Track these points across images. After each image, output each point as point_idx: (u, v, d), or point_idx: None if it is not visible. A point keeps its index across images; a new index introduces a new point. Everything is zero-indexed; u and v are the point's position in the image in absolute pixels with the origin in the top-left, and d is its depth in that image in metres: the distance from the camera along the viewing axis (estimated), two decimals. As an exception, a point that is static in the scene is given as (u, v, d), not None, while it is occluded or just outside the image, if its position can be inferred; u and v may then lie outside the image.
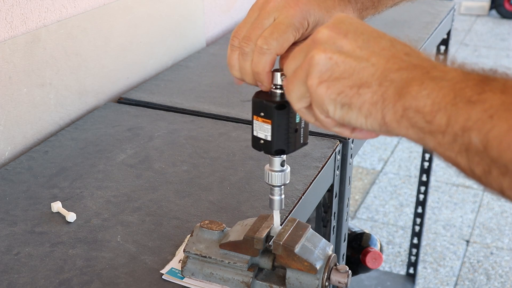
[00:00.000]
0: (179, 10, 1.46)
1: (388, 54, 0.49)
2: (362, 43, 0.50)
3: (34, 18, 1.05)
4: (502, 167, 0.40)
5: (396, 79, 0.47)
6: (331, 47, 0.50)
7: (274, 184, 0.66)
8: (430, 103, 0.44)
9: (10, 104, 1.02)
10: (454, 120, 0.42)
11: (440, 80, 0.44)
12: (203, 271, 0.71)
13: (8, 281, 0.73)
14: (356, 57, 0.49)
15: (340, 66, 0.49)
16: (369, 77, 0.48)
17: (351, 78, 0.48)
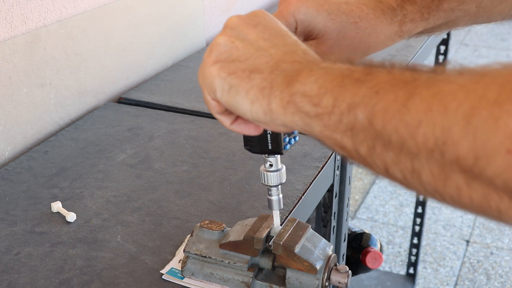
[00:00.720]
0: (179, 10, 1.46)
1: (288, 49, 0.50)
2: (268, 36, 0.51)
3: (34, 18, 1.05)
4: (386, 139, 0.40)
5: (287, 69, 0.48)
6: (236, 33, 0.52)
7: (271, 184, 0.66)
8: (317, 87, 0.45)
9: (10, 104, 1.02)
10: (341, 100, 0.43)
11: (329, 68, 0.46)
12: (203, 271, 0.71)
13: (8, 281, 0.73)
14: (257, 46, 0.51)
15: (239, 50, 0.51)
16: (263, 64, 0.49)
17: (246, 63, 0.50)
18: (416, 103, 0.39)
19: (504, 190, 0.35)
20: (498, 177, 0.35)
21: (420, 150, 0.38)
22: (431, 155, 0.38)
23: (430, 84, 0.39)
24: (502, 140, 0.34)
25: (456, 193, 0.38)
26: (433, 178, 0.39)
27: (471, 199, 0.37)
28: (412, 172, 0.40)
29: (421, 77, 0.40)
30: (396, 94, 0.40)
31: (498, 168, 0.34)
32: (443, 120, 0.37)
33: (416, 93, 0.39)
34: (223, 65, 0.51)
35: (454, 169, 0.37)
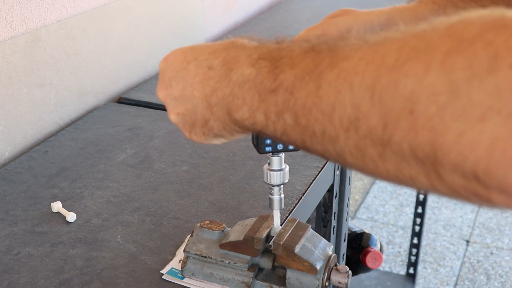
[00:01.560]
0: (179, 10, 1.46)
1: (199, 80, 0.53)
2: (182, 83, 0.55)
3: (34, 18, 1.05)
4: (311, 132, 0.43)
5: (216, 101, 0.52)
6: (172, 105, 0.57)
7: (273, 183, 0.66)
8: (247, 110, 0.48)
9: (10, 104, 1.02)
10: (269, 112, 0.46)
11: (242, 83, 0.49)
12: (203, 271, 0.71)
13: (8, 281, 0.73)
14: (186, 100, 0.55)
15: (186, 116, 0.55)
16: (204, 112, 0.53)
17: (198, 121, 0.54)
18: (325, 90, 0.40)
19: (410, 155, 0.36)
20: (404, 140, 0.36)
21: (338, 132, 0.40)
22: (348, 134, 0.40)
23: (332, 65, 0.41)
24: (404, 103, 0.35)
25: (375, 167, 0.40)
26: (354, 157, 0.41)
27: (388, 171, 0.39)
28: (338, 156, 0.42)
29: (323, 60, 0.42)
30: (307, 89, 0.42)
31: (403, 131, 0.36)
32: (351, 97, 0.38)
33: (323, 80, 0.41)
34: (195, 132, 0.56)
35: (368, 143, 0.39)
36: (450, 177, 0.35)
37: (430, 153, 0.35)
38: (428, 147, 0.35)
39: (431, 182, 0.37)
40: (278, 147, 0.62)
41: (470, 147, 0.33)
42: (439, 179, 0.36)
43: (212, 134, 0.55)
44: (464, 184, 0.35)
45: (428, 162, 0.36)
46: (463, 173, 0.34)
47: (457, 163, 0.34)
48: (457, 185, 0.36)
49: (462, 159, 0.34)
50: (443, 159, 0.35)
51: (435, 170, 0.36)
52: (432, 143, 0.35)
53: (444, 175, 0.36)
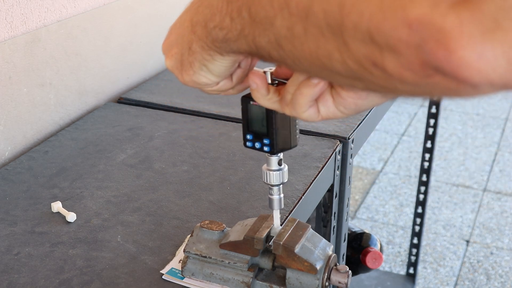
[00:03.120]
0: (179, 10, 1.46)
1: (186, 11, 0.58)
2: (178, 24, 0.59)
3: (34, 18, 1.05)
4: (261, 25, 0.44)
5: (197, 19, 0.54)
6: (167, 51, 0.61)
7: (273, 183, 0.66)
8: (218, 17, 0.50)
9: (10, 104, 1.02)
10: (232, 12, 0.47)
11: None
12: (203, 271, 0.71)
13: (8, 281, 0.73)
14: (178, 37, 0.58)
15: (178, 54, 0.59)
16: (189, 36, 0.56)
17: (184, 50, 0.57)
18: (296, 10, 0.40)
19: (325, 25, 0.38)
20: (319, 7, 0.37)
21: (276, 14, 0.42)
22: (282, 14, 0.41)
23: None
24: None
25: (300, 48, 0.41)
26: (287, 40, 0.42)
27: (310, 50, 0.40)
28: (277, 45, 0.43)
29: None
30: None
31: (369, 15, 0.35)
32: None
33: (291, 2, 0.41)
34: (185, 70, 0.61)
35: (296, 20, 0.40)
36: (354, 45, 0.37)
37: (338, 17, 0.36)
38: (336, 10, 0.36)
39: (342, 55, 0.38)
40: (256, 145, 0.63)
41: (365, 4, 0.35)
42: (347, 49, 0.37)
43: (197, 61, 0.56)
44: (365, 51, 0.36)
45: (337, 30, 0.37)
46: (362, 36, 0.36)
47: (356, 23, 0.35)
48: (360, 54, 0.37)
49: (360, 17, 0.35)
50: (346, 22, 0.36)
51: (342, 39, 0.37)
52: (338, 5, 0.36)
53: (349, 43, 0.37)
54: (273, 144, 0.61)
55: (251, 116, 0.62)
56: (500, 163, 2.93)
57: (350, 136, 1.06)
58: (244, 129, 0.63)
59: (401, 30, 0.33)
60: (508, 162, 2.94)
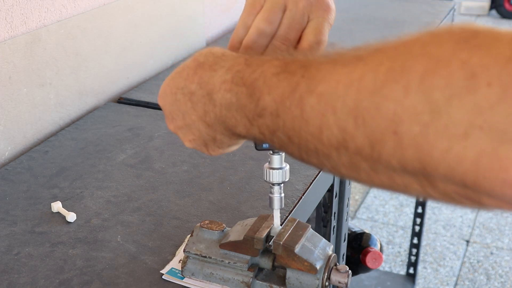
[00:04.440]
0: (179, 10, 1.46)
1: (190, 106, 0.55)
2: (179, 113, 0.57)
3: (34, 18, 1.05)
4: (304, 149, 0.44)
5: (212, 121, 0.54)
6: (182, 135, 0.59)
7: (274, 181, 0.66)
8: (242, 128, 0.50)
9: (10, 104, 1.02)
10: (263, 131, 0.48)
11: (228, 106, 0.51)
12: (203, 271, 0.71)
13: (8, 281, 0.73)
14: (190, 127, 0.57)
15: (197, 140, 0.58)
16: (208, 131, 0.56)
17: (208, 140, 0.57)
18: (309, 114, 0.42)
19: (401, 169, 0.38)
20: (393, 157, 0.37)
21: (329, 150, 0.42)
22: (339, 152, 0.41)
23: (310, 90, 0.42)
24: (387, 124, 0.37)
25: (369, 179, 0.41)
26: (348, 170, 0.42)
27: (381, 181, 0.41)
28: (333, 169, 0.44)
29: (300, 84, 0.43)
30: (291, 113, 0.44)
31: (390, 150, 0.37)
32: (335, 120, 0.40)
33: (305, 104, 0.42)
34: (212, 149, 0.59)
35: (359, 159, 0.40)
36: (442, 185, 0.37)
37: (420, 168, 0.37)
38: (416, 163, 0.36)
39: (425, 189, 0.38)
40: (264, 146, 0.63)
41: (457, 162, 0.35)
42: (431, 186, 0.38)
43: (225, 145, 0.57)
44: (456, 189, 0.36)
45: (419, 174, 0.37)
46: (453, 182, 0.36)
47: (447, 175, 0.36)
48: (449, 190, 0.37)
49: (451, 172, 0.35)
50: (433, 172, 0.36)
51: (427, 180, 0.37)
52: (420, 160, 0.36)
53: (436, 184, 0.37)
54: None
55: None
56: (500, 163, 2.92)
57: (350, 136, 1.06)
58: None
59: (505, 189, 0.34)
60: (508, 162, 2.93)
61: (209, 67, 0.53)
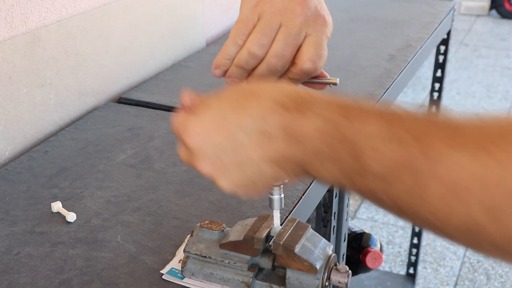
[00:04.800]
0: (179, 10, 1.46)
1: (256, 147, 0.51)
2: (232, 153, 0.52)
3: (34, 18, 1.05)
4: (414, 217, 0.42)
5: (285, 163, 0.50)
6: (222, 176, 0.55)
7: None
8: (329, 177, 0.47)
9: (10, 104, 1.02)
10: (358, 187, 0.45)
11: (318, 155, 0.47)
12: (203, 271, 0.71)
13: (8, 281, 0.73)
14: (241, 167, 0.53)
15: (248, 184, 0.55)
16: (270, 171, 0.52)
17: (259, 181, 0.53)
18: (432, 198, 0.39)
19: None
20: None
21: (452, 231, 0.40)
22: (464, 233, 0.39)
23: (432, 173, 0.39)
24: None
25: (489, 253, 0.40)
26: (464, 240, 0.41)
27: (505, 258, 0.40)
28: (444, 235, 0.42)
29: (416, 159, 0.40)
30: (406, 185, 0.41)
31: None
32: (466, 212, 0.38)
33: (426, 186, 0.39)
34: (259, 191, 0.56)
35: (488, 245, 0.39)
36: None
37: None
38: None
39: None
40: None
41: None
42: None
43: (281, 182, 0.55)
44: None
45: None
46: None
47: None
48: None
49: None
50: None
51: None
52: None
53: None
54: None
55: None
56: (500, 163, 2.92)
57: (350, 136, 1.06)
58: None
59: None
60: (508, 162, 2.93)
61: (295, 109, 0.48)
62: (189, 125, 0.54)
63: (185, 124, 0.54)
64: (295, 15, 0.58)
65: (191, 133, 0.54)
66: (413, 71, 1.48)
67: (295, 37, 0.58)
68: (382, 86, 1.27)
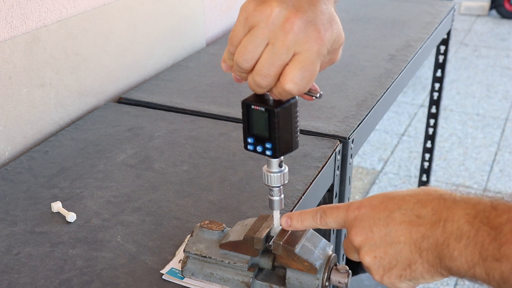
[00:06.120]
0: (179, 10, 1.46)
1: (405, 226, 0.57)
2: (384, 229, 0.58)
3: (34, 18, 1.05)
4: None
5: (427, 247, 0.55)
6: (368, 248, 0.59)
7: (273, 185, 0.66)
8: (465, 262, 0.52)
9: (10, 104, 1.02)
10: (492, 274, 0.50)
11: (459, 238, 0.53)
12: (203, 271, 0.71)
13: (8, 281, 0.73)
14: (388, 245, 0.58)
15: (384, 259, 0.58)
16: (410, 255, 0.57)
17: (399, 264, 0.58)
18: None
19: None
20: None
21: None
22: None
23: None
24: None
25: None
26: None
27: None
28: None
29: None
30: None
31: None
32: None
33: None
34: (389, 275, 0.59)
35: None
36: None
37: None
38: None
39: None
40: (258, 149, 0.63)
41: None
42: None
43: (411, 277, 0.58)
44: None
45: None
46: None
47: None
48: None
49: None
50: None
51: None
52: None
53: None
54: (276, 148, 0.61)
55: (253, 120, 0.61)
56: (500, 163, 2.92)
57: (350, 136, 1.06)
58: (245, 133, 0.63)
59: None
60: (508, 162, 2.94)
61: (451, 200, 0.55)
62: (362, 201, 0.62)
63: (358, 203, 0.62)
64: (284, 32, 0.55)
65: (362, 206, 0.61)
66: (413, 71, 1.48)
67: (280, 57, 0.56)
68: (382, 86, 1.27)
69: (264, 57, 0.56)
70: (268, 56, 0.56)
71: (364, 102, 1.20)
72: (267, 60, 0.56)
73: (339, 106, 1.18)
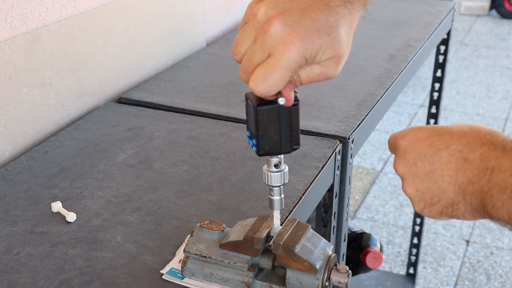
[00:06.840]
0: (179, 10, 1.46)
1: (452, 167, 0.58)
2: (429, 166, 0.59)
3: (34, 18, 1.05)
4: None
5: (472, 192, 0.56)
6: (411, 181, 0.60)
7: (273, 184, 0.66)
8: (505, 213, 0.53)
9: (10, 104, 1.02)
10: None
11: (503, 189, 0.53)
12: (203, 271, 0.71)
13: (8, 281, 0.73)
14: (431, 181, 0.59)
15: (426, 194, 0.60)
16: (453, 196, 0.58)
17: (441, 202, 0.59)
18: None
19: None
20: None
21: None
22: None
23: None
24: None
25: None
26: None
27: None
28: None
29: None
30: None
31: None
32: None
33: None
34: (429, 209, 0.60)
35: None
36: None
37: None
38: None
39: None
40: (251, 143, 0.63)
41: None
42: None
43: (452, 214, 0.59)
44: None
45: None
46: None
47: None
48: None
49: None
50: None
51: None
52: None
53: None
54: (258, 145, 0.62)
55: (247, 114, 0.63)
56: (500, 163, 2.92)
57: (350, 136, 1.06)
58: (246, 125, 0.64)
59: None
60: (508, 162, 2.93)
61: (501, 148, 0.55)
62: (408, 130, 0.62)
63: (405, 130, 0.63)
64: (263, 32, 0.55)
65: (403, 135, 0.62)
66: (413, 71, 1.48)
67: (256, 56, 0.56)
68: (382, 86, 1.27)
69: (247, 53, 0.58)
70: (248, 53, 0.57)
71: (364, 102, 1.20)
72: (247, 57, 0.58)
73: (339, 106, 1.18)
